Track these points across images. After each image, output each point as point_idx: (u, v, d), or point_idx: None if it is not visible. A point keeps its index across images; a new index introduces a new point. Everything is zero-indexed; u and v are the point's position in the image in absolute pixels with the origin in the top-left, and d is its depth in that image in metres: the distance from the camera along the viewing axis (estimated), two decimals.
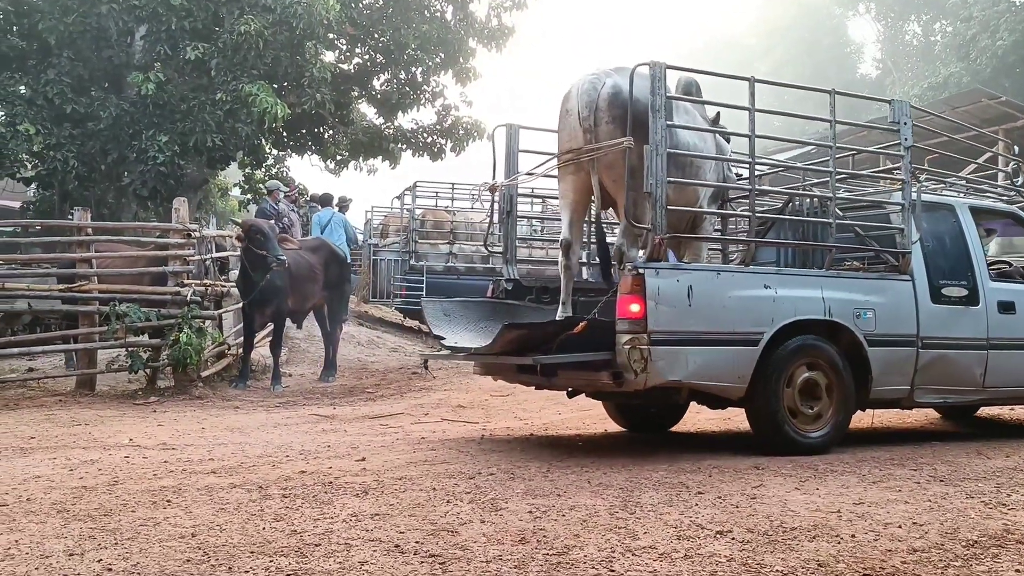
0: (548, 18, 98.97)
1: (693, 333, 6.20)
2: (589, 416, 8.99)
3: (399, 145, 20.83)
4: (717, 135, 7.61)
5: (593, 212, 7.47)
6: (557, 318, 6.93)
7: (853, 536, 4.31)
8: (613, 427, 8.26)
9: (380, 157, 21.31)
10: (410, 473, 5.77)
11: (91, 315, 10.69)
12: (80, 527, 4.40)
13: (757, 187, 6.98)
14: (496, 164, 7.75)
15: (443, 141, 20.58)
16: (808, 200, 7.82)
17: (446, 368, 13.29)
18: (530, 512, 4.70)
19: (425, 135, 20.75)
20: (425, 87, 20.06)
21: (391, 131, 20.97)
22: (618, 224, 7.13)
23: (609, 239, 7.52)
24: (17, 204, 19.91)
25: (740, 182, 7.82)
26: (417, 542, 4.14)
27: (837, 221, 7.01)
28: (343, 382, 11.92)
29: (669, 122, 6.30)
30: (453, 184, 18.09)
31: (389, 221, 19.81)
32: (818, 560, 3.92)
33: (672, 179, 6.35)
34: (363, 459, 6.32)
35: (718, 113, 7.78)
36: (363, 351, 14.32)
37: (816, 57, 50.59)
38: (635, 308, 6.01)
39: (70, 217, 12.03)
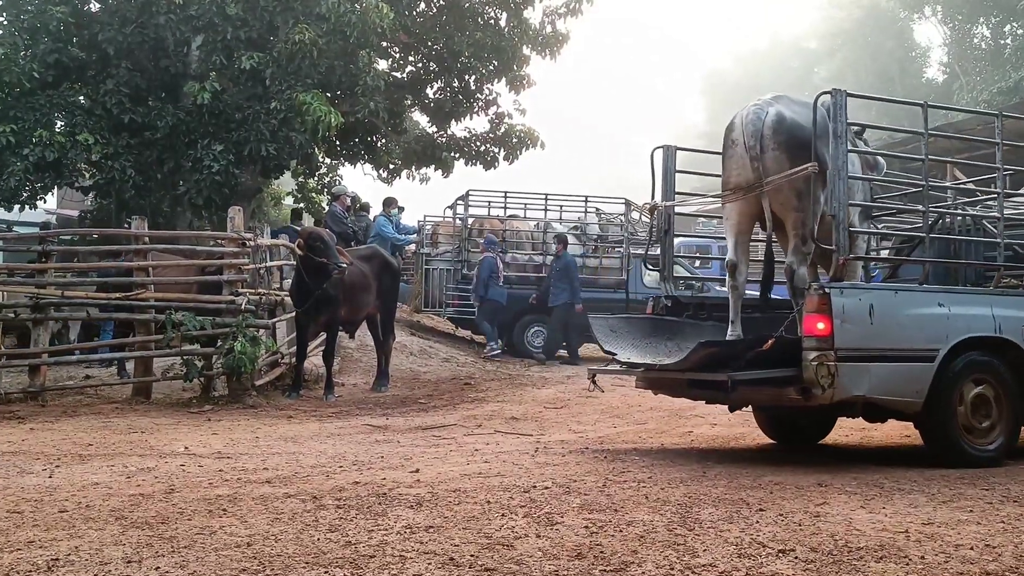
0: (605, 22, 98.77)
1: (875, 350, 6.51)
2: (645, 430, 8.89)
3: (452, 154, 20.83)
4: (865, 153, 7.92)
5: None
6: (728, 336, 7.29)
7: (922, 558, 4.19)
8: (669, 441, 8.17)
9: (433, 166, 21.36)
10: (464, 485, 5.75)
11: (147, 323, 10.70)
12: (138, 534, 4.44)
13: (932, 208, 7.38)
14: (655, 184, 8.09)
15: (496, 150, 20.53)
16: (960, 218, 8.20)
17: (499, 379, 13.28)
18: (586, 527, 4.66)
19: (478, 143, 20.70)
20: (478, 95, 20.03)
21: (444, 139, 21.00)
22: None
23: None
24: (76, 213, 20.16)
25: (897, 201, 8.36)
26: (472, 555, 4.12)
27: (1004, 240, 7.31)
28: (395, 392, 11.86)
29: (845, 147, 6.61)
30: (506, 193, 17.97)
31: (440, 229, 19.72)
32: None
33: (854, 203, 6.87)
34: (417, 470, 6.30)
35: (863, 128, 8.07)
36: (415, 361, 14.23)
37: (880, 61, 49.57)
38: (821, 326, 6.30)
39: (127, 226, 12.09)
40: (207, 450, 7.24)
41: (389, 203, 17.02)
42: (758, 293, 7.99)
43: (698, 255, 16.86)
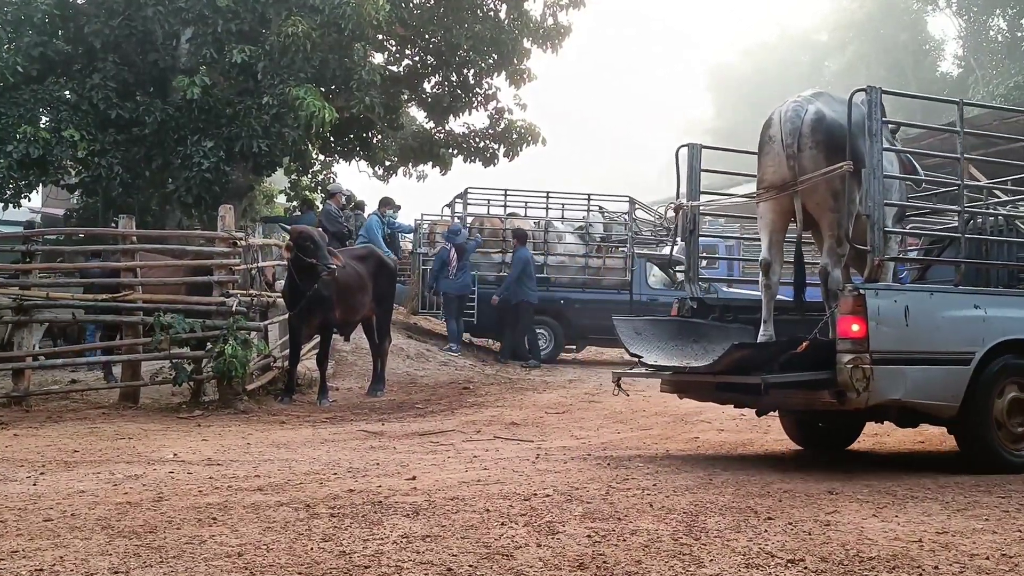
0: (608, 14, 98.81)
1: (910, 352, 6.46)
2: (650, 436, 8.82)
3: (450, 150, 20.54)
4: (900, 153, 7.90)
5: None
6: (760, 337, 7.29)
7: (936, 568, 4.15)
8: (675, 448, 8.12)
9: (430, 163, 21.04)
10: (462, 493, 5.71)
11: (135, 325, 10.55)
12: (125, 544, 4.41)
13: (967, 208, 7.38)
14: (680, 183, 8.10)
15: (496, 146, 20.21)
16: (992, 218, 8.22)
17: (498, 383, 13.18)
18: (589, 536, 4.63)
19: (477, 140, 20.40)
20: (477, 89, 19.71)
21: (442, 135, 20.75)
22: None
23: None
24: (61, 212, 19.92)
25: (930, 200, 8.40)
26: (471, 566, 4.09)
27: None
28: (392, 397, 11.74)
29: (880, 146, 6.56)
30: (506, 190, 17.68)
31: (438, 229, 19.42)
32: None
33: (889, 203, 6.84)
34: (413, 478, 6.26)
35: (898, 127, 8.06)
36: (412, 364, 14.07)
37: (893, 55, 49.41)
38: (856, 328, 6.25)
39: (114, 225, 11.86)
40: (197, 457, 7.18)
41: (386, 203, 16.68)
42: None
43: (705, 255, 16.53)
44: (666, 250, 17.97)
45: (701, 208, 8.37)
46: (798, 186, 6.92)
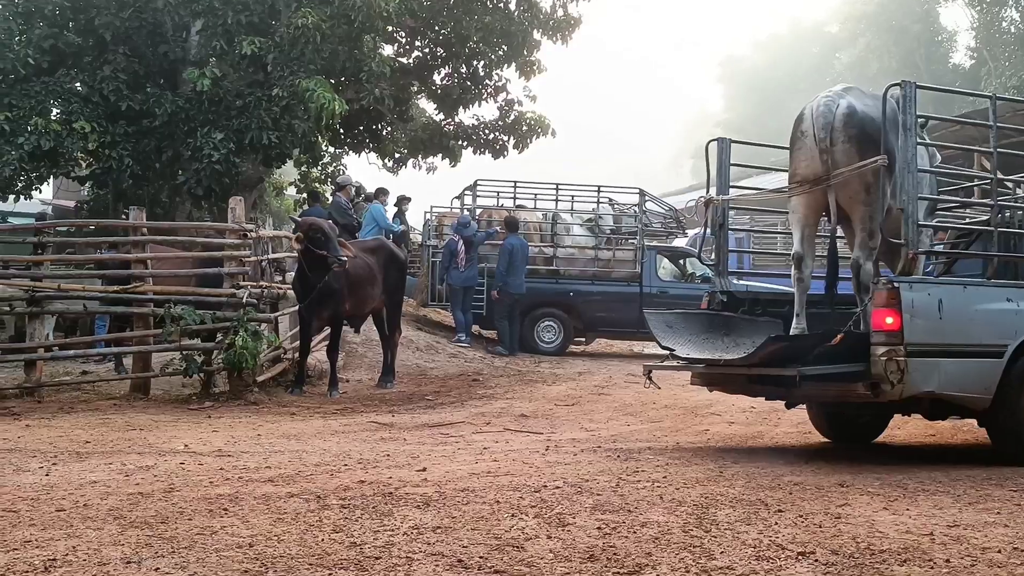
0: (618, 5, 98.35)
1: (944, 345, 6.52)
2: (660, 428, 8.78)
3: (459, 142, 20.50)
4: (930, 146, 7.98)
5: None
6: (793, 330, 7.32)
7: (947, 561, 4.13)
8: (685, 440, 8.10)
9: (440, 155, 21.01)
10: (472, 484, 5.69)
11: (145, 317, 10.54)
12: (137, 534, 4.42)
13: (1001, 201, 7.45)
14: (710, 177, 8.18)
15: (505, 138, 20.21)
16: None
17: (508, 375, 13.10)
18: (599, 528, 4.62)
19: (487, 131, 20.38)
20: (487, 81, 19.70)
21: (451, 127, 20.69)
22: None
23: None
24: (72, 203, 19.95)
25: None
26: (481, 557, 4.09)
27: None
28: (402, 388, 11.71)
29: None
30: (515, 182, 17.58)
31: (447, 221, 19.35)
32: None
33: (923, 196, 6.83)
34: (424, 469, 6.24)
35: (927, 120, 8.05)
36: (422, 356, 14.01)
37: (905, 46, 48.94)
38: (890, 320, 6.31)
39: (124, 216, 11.87)
40: (208, 448, 7.15)
41: (382, 192, 16.70)
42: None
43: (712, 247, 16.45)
44: (677, 242, 17.95)
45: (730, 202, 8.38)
46: (831, 180, 6.94)
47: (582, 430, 8.62)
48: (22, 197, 16.08)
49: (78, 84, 15.78)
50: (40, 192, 17.79)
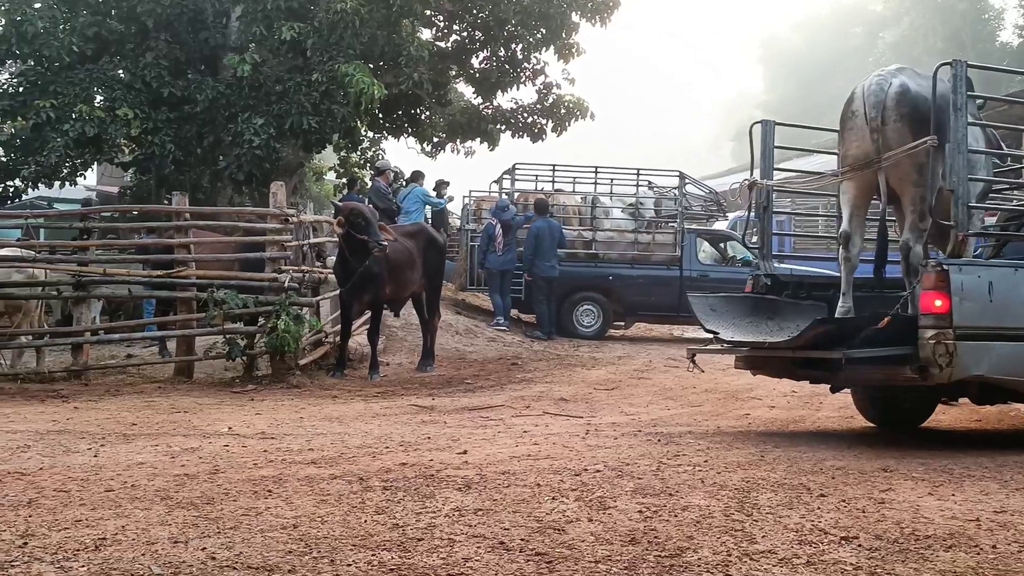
0: None
1: (994, 328, 6.40)
2: (700, 413, 8.72)
3: (498, 126, 20.40)
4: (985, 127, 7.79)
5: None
6: (839, 311, 7.25)
7: (994, 547, 4.09)
8: (726, 424, 8.01)
9: (478, 139, 20.89)
10: (513, 468, 5.69)
11: (188, 301, 10.64)
12: (184, 515, 4.47)
13: None
14: (753, 160, 8.11)
15: (544, 121, 20.08)
16: None
17: (547, 359, 13.06)
18: (640, 511, 4.62)
19: (525, 115, 20.25)
20: (525, 64, 19.53)
21: (490, 111, 20.60)
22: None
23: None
24: (116, 189, 20.18)
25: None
26: (522, 539, 4.10)
27: None
28: (441, 372, 11.72)
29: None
30: (554, 166, 17.50)
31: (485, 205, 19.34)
32: (955, 572, 3.76)
33: (973, 177, 6.71)
34: (464, 452, 6.25)
35: (985, 102, 8.19)
36: (461, 340, 14.03)
37: (951, 24, 48.03)
38: (939, 303, 6.21)
39: (167, 202, 11.98)
40: (251, 430, 7.20)
41: (419, 175, 16.78)
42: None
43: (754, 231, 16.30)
44: (717, 225, 17.81)
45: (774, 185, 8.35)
46: (882, 161, 6.87)
47: (622, 414, 8.59)
48: (67, 183, 16.29)
49: (121, 71, 15.95)
50: (84, 178, 18.05)
